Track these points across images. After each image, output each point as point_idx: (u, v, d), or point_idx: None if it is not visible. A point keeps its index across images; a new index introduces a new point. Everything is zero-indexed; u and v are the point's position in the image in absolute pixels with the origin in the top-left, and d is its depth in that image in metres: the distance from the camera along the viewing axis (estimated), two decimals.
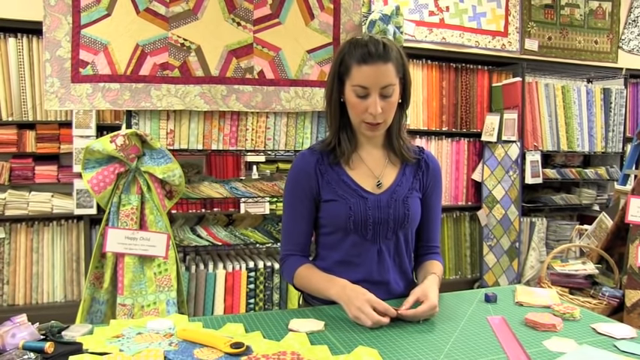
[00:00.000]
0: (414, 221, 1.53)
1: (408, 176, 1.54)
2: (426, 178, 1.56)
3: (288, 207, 1.56)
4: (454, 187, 4.51)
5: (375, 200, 1.48)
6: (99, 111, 3.68)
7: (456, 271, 4.58)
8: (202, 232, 2.65)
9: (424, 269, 1.55)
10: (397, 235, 1.52)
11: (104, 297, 2.27)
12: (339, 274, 1.48)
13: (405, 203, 1.50)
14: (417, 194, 1.54)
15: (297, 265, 1.53)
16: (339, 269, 1.51)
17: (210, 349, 1.11)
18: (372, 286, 1.49)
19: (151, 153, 2.29)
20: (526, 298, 1.52)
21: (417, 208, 1.53)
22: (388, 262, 1.52)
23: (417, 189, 1.54)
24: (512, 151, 4.25)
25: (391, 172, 1.54)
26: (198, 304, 2.57)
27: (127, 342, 1.14)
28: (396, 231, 1.50)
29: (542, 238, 4.52)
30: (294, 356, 1.08)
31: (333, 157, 1.51)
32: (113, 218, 2.25)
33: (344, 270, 1.50)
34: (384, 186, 1.51)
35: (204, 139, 2.50)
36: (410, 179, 1.54)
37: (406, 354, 1.13)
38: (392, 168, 1.54)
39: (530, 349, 1.16)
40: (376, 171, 1.52)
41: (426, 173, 1.56)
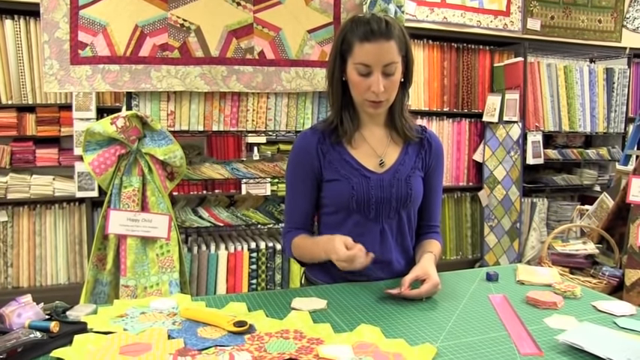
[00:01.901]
0: (417, 200, 1.53)
1: (411, 155, 1.54)
2: (429, 157, 1.56)
3: (290, 187, 1.56)
4: (455, 167, 4.51)
5: (377, 179, 1.48)
6: (99, 93, 3.67)
7: (457, 251, 4.60)
8: (204, 214, 2.66)
9: (422, 248, 1.56)
10: (400, 215, 1.52)
11: (107, 278, 2.29)
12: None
13: (407, 182, 1.50)
14: (420, 173, 1.54)
15: (293, 237, 1.55)
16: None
17: (213, 328, 1.12)
18: (375, 265, 1.50)
19: (151, 134, 2.29)
20: (527, 276, 1.53)
21: (419, 188, 1.53)
22: (390, 241, 1.52)
23: (419, 168, 1.54)
24: (514, 132, 4.24)
25: (394, 151, 1.54)
26: (200, 285, 2.59)
27: (131, 321, 1.15)
28: (398, 210, 1.51)
29: (543, 218, 4.54)
30: (297, 334, 1.09)
31: (335, 136, 1.51)
32: (115, 200, 2.25)
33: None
34: (387, 165, 1.51)
35: (205, 120, 2.49)
36: (412, 158, 1.54)
37: (408, 331, 1.14)
38: (394, 147, 1.54)
39: (531, 327, 1.17)
40: (379, 150, 1.52)
41: (428, 152, 1.56)
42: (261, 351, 1.01)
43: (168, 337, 1.07)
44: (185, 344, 1.03)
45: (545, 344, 1.08)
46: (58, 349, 1.00)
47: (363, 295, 1.38)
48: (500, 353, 1.04)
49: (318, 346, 1.03)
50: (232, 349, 1.02)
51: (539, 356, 1.03)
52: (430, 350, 1.01)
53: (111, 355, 0.98)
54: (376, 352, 1.01)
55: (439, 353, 1.03)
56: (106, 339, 1.05)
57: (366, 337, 1.08)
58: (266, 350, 1.01)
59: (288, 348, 1.02)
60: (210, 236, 2.82)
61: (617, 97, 4.67)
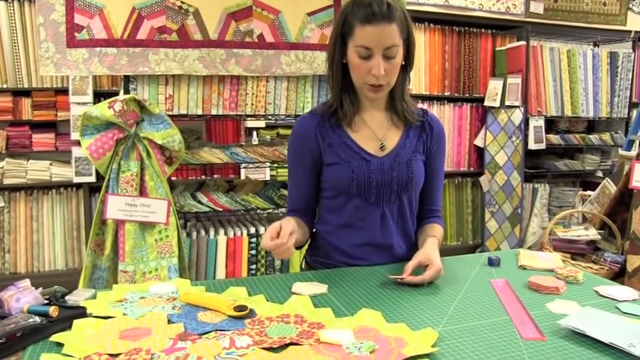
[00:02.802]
0: (418, 184, 1.53)
1: (412, 139, 1.53)
2: (430, 140, 1.56)
3: (291, 171, 1.57)
4: (456, 152, 4.51)
5: (378, 163, 1.48)
6: (96, 77, 3.65)
7: (458, 237, 4.61)
8: (203, 198, 2.66)
9: (424, 232, 1.56)
10: (401, 199, 1.52)
11: (105, 264, 2.29)
12: (342, 238, 1.51)
13: (408, 166, 1.49)
14: (421, 157, 1.54)
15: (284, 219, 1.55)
16: (341, 232, 1.52)
17: (213, 312, 1.12)
18: (375, 249, 1.50)
19: (149, 118, 2.28)
20: (529, 261, 1.53)
21: (420, 171, 1.53)
22: (391, 225, 1.52)
23: (420, 152, 1.54)
24: (516, 117, 4.23)
25: (394, 134, 1.53)
26: (199, 270, 2.60)
27: (131, 306, 1.16)
28: (399, 194, 1.50)
29: (544, 204, 4.54)
30: (298, 318, 1.10)
31: (335, 119, 1.51)
32: (113, 185, 2.25)
33: (346, 233, 1.51)
34: (388, 148, 1.51)
35: (204, 104, 2.48)
36: (414, 142, 1.53)
37: (410, 316, 1.14)
38: (395, 130, 1.53)
39: (533, 311, 1.18)
40: (379, 133, 1.52)
41: (429, 136, 1.56)
42: (261, 335, 1.01)
43: (168, 322, 1.07)
44: (185, 329, 1.04)
45: (548, 329, 1.08)
46: (57, 334, 1.00)
47: (364, 280, 1.38)
48: (503, 338, 1.04)
49: (319, 330, 1.03)
50: (233, 333, 1.02)
51: (542, 341, 1.03)
52: (432, 335, 1.02)
53: (111, 339, 0.98)
54: (377, 337, 1.01)
55: (441, 338, 1.03)
56: (105, 323, 1.05)
57: (367, 322, 1.09)
58: (267, 335, 1.01)
59: (288, 332, 1.02)
60: (209, 221, 2.82)
61: (621, 81, 4.65)
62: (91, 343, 0.97)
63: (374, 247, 1.51)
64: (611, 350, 0.99)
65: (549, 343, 1.02)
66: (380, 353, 0.95)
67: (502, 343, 1.02)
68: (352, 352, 0.95)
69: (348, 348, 0.96)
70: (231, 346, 0.96)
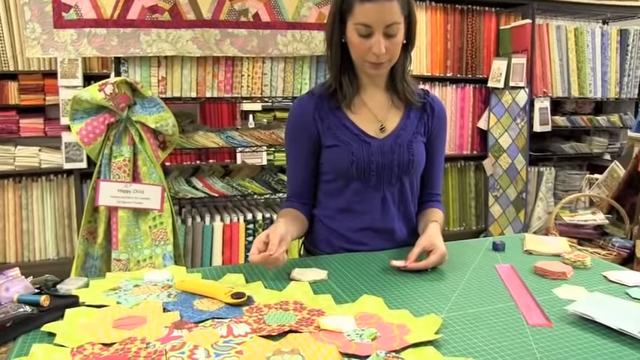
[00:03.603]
0: (419, 166, 1.53)
1: (413, 120, 1.53)
2: (431, 121, 1.55)
3: (289, 156, 1.56)
4: (459, 135, 4.50)
5: (378, 145, 1.47)
6: (85, 59, 3.62)
7: (461, 222, 4.62)
8: (198, 184, 2.66)
9: (425, 217, 1.56)
10: (402, 182, 1.52)
11: (98, 252, 2.30)
12: (342, 222, 1.51)
13: (409, 148, 1.49)
14: (422, 138, 1.53)
15: (284, 208, 1.56)
16: (341, 217, 1.52)
17: (210, 300, 1.12)
18: (376, 234, 1.50)
19: (142, 102, 2.27)
20: (535, 246, 1.53)
21: (421, 153, 1.52)
22: (392, 209, 1.52)
23: (421, 133, 1.53)
24: (520, 98, 4.21)
25: (395, 115, 1.52)
26: (195, 257, 2.60)
27: (125, 294, 1.15)
28: (400, 177, 1.50)
29: (550, 188, 4.54)
30: (297, 305, 1.10)
31: (334, 101, 1.50)
32: (105, 171, 2.25)
33: (346, 218, 1.51)
34: (388, 130, 1.50)
35: (198, 86, 2.48)
36: (414, 123, 1.53)
37: (412, 302, 1.14)
38: (396, 111, 1.53)
39: (539, 297, 1.18)
40: (379, 115, 1.51)
41: (431, 117, 1.55)
42: (260, 323, 1.01)
43: (163, 310, 1.07)
44: (181, 317, 1.04)
45: (555, 315, 1.09)
46: (48, 324, 1.00)
47: (364, 265, 1.38)
48: (508, 324, 1.04)
49: (318, 317, 1.03)
50: (230, 321, 1.02)
51: (549, 327, 1.03)
52: (435, 321, 1.02)
53: (104, 328, 0.98)
54: (379, 324, 1.01)
55: (445, 324, 1.03)
56: (98, 312, 1.05)
57: (368, 308, 1.09)
58: (265, 322, 1.02)
59: (288, 320, 1.02)
60: (204, 207, 2.82)
61: (632, 60, 4.61)
62: (84, 332, 0.97)
63: (375, 231, 1.51)
64: (621, 337, 0.99)
65: (556, 329, 1.02)
66: (382, 340, 0.95)
67: (508, 330, 1.02)
68: (354, 340, 0.95)
69: (350, 335, 0.96)
70: (229, 335, 0.96)
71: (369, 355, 0.89)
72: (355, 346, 0.93)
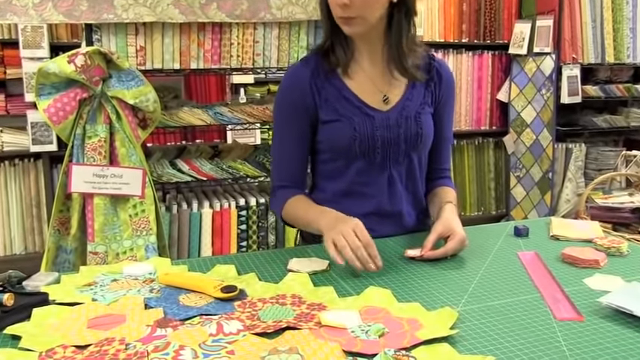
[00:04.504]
0: (428, 140, 1.53)
1: (419, 89, 1.52)
2: (439, 89, 1.55)
3: (278, 131, 1.55)
4: (476, 109, 4.49)
5: (382, 118, 1.47)
6: (51, 26, 3.60)
7: (479, 206, 4.62)
8: (184, 167, 2.66)
9: (437, 198, 1.56)
10: (410, 158, 1.52)
11: (72, 245, 2.30)
12: (344, 207, 1.45)
13: (417, 120, 1.49)
14: (429, 109, 1.53)
15: (287, 197, 1.54)
16: (342, 201, 1.51)
17: (197, 295, 1.13)
18: (383, 218, 1.51)
19: (118, 75, 2.26)
20: (563, 231, 1.53)
21: (430, 126, 1.53)
22: (400, 189, 1.53)
23: (429, 103, 1.53)
24: (546, 65, 4.20)
25: (398, 85, 1.52)
26: (182, 249, 2.61)
27: (101, 290, 1.16)
28: (408, 153, 1.50)
29: (580, 167, 4.53)
30: (296, 299, 1.10)
31: (329, 64, 1.48)
32: (78, 153, 2.25)
33: (349, 202, 1.51)
34: (392, 101, 1.50)
35: (182, 56, 2.47)
36: (421, 92, 1.52)
37: (424, 294, 1.15)
38: (400, 80, 1.52)
39: (568, 288, 1.18)
40: (380, 84, 1.50)
41: (438, 84, 1.55)
42: (253, 319, 1.01)
43: (145, 307, 1.07)
44: (165, 314, 1.04)
45: (586, 308, 1.08)
46: (12, 326, 0.99)
47: None
48: (533, 318, 1.04)
49: (319, 312, 1.03)
50: (220, 317, 1.02)
51: (579, 321, 1.03)
52: (450, 315, 1.02)
53: (77, 329, 0.98)
54: (387, 319, 1.02)
55: (461, 318, 1.03)
56: (71, 311, 1.05)
57: (375, 302, 1.09)
58: (259, 318, 1.02)
59: (285, 315, 1.02)
60: (191, 193, 2.83)
61: None
62: (55, 334, 0.97)
63: (381, 216, 1.51)
64: None
65: (588, 324, 1.02)
66: (390, 337, 0.95)
67: (532, 325, 1.02)
68: (359, 337, 0.95)
69: (354, 332, 0.96)
70: (219, 333, 0.96)
71: (375, 353, 0.89)
72: (360, 343, 0.93)
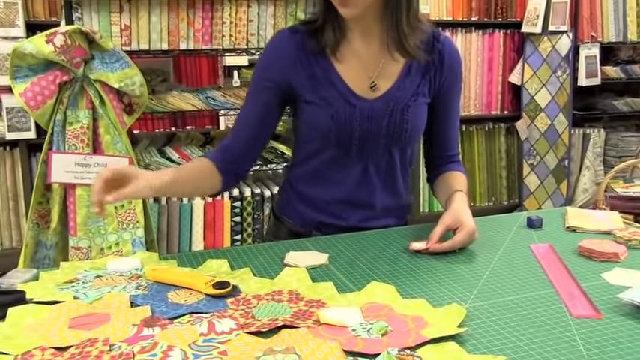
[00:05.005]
0: (415, 135, 1.51)
1: (414, 76, 1.49)
2: (440, 76, 1.51)
3: (248, 96, 1.52)
4: (486, 92, 4.48)
5: (366, 108, 1.44)
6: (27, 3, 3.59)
7: (489, 197, 4.62)
8: (173, 155, 2.66)
9: (445, 185, 1.56)
10: (390, 153, 1.50)
11: (52, 239, 2.30)
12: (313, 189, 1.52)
13: (404, 114, 1.46)
14: (424, 99, 1.51)
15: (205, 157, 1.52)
16: (314, 184, 1.53)
17: (187, 291, 1.12)
18: (353, 208, 1.52)
19: (101, 56, 2.26)
20: (580, 221, 1.53)
21: (420, 119, 1.50)
22: (375, 182, 1.52)
23: (424, 93, 1.50)
24: (562, 45, 4.19)
25: (391, 70, 1.48)
26: (171, 243, 2.61)
27: (84, 287, 1.15)
28: (388, 147, 1.49)
29: (598, 154, 4.54)
30: (292, 296, 1.10)
31: (316, 42, 1.45)
32: (58, 141, 2.25)
33: (320, 186, 1.52)
34: (380, 89, 1.47)
35: (170, 36, 2.47)
36: (416, 80, 1.49)
37: (430, 289, 1.14)
38: (393, 65, 1.48)
39: (585, 283, 1.17)
40: (371, 68, 1.47)
41: (439, 70, 1.51)
42: (247, 317, 1.01)
43: (130, 305, 1.07)
44: (152, 312, 1.04)
45: (604, 304, 1.08)
46: None
47: (373, 246, 1.38)
48: (547, 315, 1.04)
49: (318, 309, 1.03)
50: (212, 316, 1.02)
51: (597, 319, 1.03)
52: (458, 312, 1.02)
53: (57, 329, 0.98)
54: (391, 316, 1.01)
55: (469, 316, 1.03)
56: (50, 310, 1.04)
57: (377, 298, 1.09)
58: (254, 316, 1.01)
59: (281, 313, 1.02)
60: None
61: None
62: (32, 335, 0.96)
63: (352, 205, 1.51)
64: None
65: (606, 321, 1.02)
66: (394, 335, 0.95)
67: (546, 322, 1.01)
68: (360, 335, 0.95)
69: (355, 330, 0.96)
70: (210, 332, 0.96)
71: (378, 353, 0.89)
72: (362, 342, 0.92)
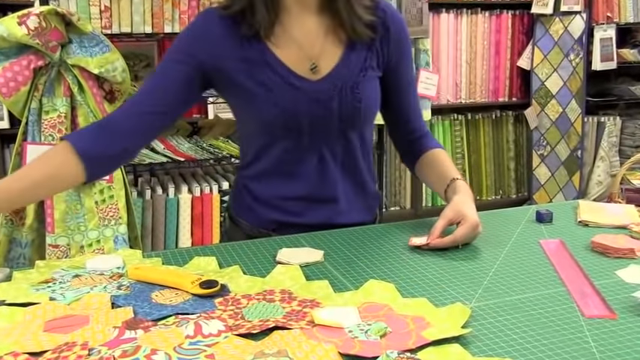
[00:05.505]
0: (370, 114, 1.50)
1: (359, 51, 1.47)
2: (387, 46, 1.49)
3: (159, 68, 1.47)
4: (493, 77, 4.48)
5: (311, 90, 1.42)
6: None
7: (497, 189, 4.63)
8: (158, 146, 2.66)
9: (434, 169, 1.55)
10: (346, 137, 1.48)
11: (27, 237, 2.30)
12: (269, 188, 1.50)
13: (354, 92, 1.44)
14: (375, 73, 1.49)
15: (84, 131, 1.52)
16: (270, 182, 1.51)
17: (172, 291, 1.12)
18: (316, 204, 1.50)
19: (80, 40, 2.25)
20: (593, 215, 1.53)
21: (373, 97, 1.49)
22: (335, 173, 1.50)
23: (373, 67, 1.48)
24: (575, 26, 4.19)
25: (333, 48, 1.46)
26: (156, 240, 2.61)
27: (61, 288, 1.15)
28: (344, 131, 1.47)
29: (614, 143, 4.54)
30: (285, 295, 1.10)
31: (247, 25, 1.41)
32: (33, 131, 2.24)
33: (277, 183, 1.50)
34: (323, 70, 1.44)
35: (154, 18, 2.47)
36: (362, 54, 1.47)
37: (432, 288, 1.15)
38: (334, 42, 1.46)
39: (598, 281, 1.18)
40: (309, 48, 1.44)
41: (385, 40, 1.49)
42: (237, 318, 1.01)
43: (112, 306, 1.07)
44: (135, 314, 1.04)
45: (619, 304, 1.08)
46: None
47: (370, 242, 1.38)
48: (557, 315, 1.04)
49: (312, 310, 1.03)
50: (199, 317, 1.02)
51: (611, 319, 1.03)
52: (462, 312, 1.02)
53: (32, 333, 0.97)
54: (390, 316, 1.02)
55: (474, 316, 1.03)
56: (24, 313, 1.04)
57: (376, 297, 1.09)
58: (244, 317, 1.02)
59: (273, 314, 1.02)
60: (167, 175, 2.83)
61: None
62: (4, 340, 0.96)
63: (313, 201, 1.50)
64: None
65: (621, 322, 1.02)
66: (393, 337, 0.95)
67: (556, 323, 1.02)
68: (357, 337, 0.95)
69: (352, 331, 0.96)
70: (197, 334, 0.96)
71: (377, 356, 0.89)
72: (359, 345, 0.92)
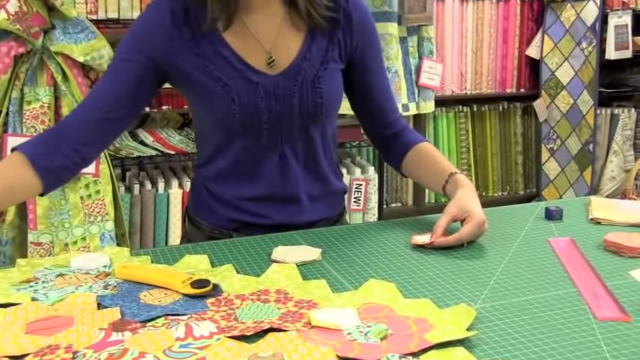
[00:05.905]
0: (332, 109, 1.50)
1: (320, 42, 1.46)
2: (350, 36, 1.49)
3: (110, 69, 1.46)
4: (500, 67, 4.47)
5: (270, 85, 1.42)
6: None
7: (504, 185, 4.63)
8: (147, 138, 2.66)
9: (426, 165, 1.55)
10: (308, 134, 1.49)
11: (8, 234, 2.30)
12: (229, 188, 1.50)
13: (315, 87, 1.44)
14: (337, 66, 1.49)
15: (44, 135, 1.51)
16: (229, 182, 1.51)
17: (162, 291, 1.12)
18: (276, 203, 1.50)
19: (63, 26, 2.25)
20: (605, 212, 1.53)
21: (336, 90, 1.49)
22: (296, 170, 1.50)
23: (335, 59, 1.48)
24: (588, 13, 4.19)
25: (292, 40, 1.45)
26: (145, 237, 2.61)
27: (44, 288, 1.15)
28: (305, 127, 1.47)
29: (628, 136, 4.54)
30: (281, 296, 1.10)
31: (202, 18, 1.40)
32: (14, 122, 2.24)
33: (236, 183, 1.50)
34: (282, 64, 1.44)
35: (142, 4, 2.47)
36: (323, 46, 1.46)
37: (435, 288, 1.15)
38: (293, 33, 1.46)
39: (610, 281, 1.18)
40: (265, 41, 1.44)
41: (348, 28, 1.48)
42: (230, 320, 1.01)
43: (98, 307, 1.07)
44: (122, 315, 1.04)
45: (633, 306, 1.08)
46: None
47: (370, 240, 1.39)
48: (567, 318, 1.04)
49: (309, 310, 1.03)
50: (190, 318, 1.02)
51: (625, 322, 1.03)
52: (467, 313, 1.02)
53: (12, 335, 0.97)
54: (391, 318, 1.02)
55: (480, 318, 1.03)
56: (4, 314, 1.04)
57: (376, 298, 1.09)
58: (237, 319, 1.02)
59: (268, 315, 1.03)
60: (156, 169, 2.83)
61: None
62: None
63: (274, 200, 1.50)
64: None
65: (635, 325, 1.02)
66: (395, 340, 0.95)
67: (567, 326, 1.02)
68: (356, 339, 0.95)
69: (351, 333, 0.97)
70: (188, 336, 0.95)
71: (377, 359, 0.89)
72: (358, 347, 0.93)
